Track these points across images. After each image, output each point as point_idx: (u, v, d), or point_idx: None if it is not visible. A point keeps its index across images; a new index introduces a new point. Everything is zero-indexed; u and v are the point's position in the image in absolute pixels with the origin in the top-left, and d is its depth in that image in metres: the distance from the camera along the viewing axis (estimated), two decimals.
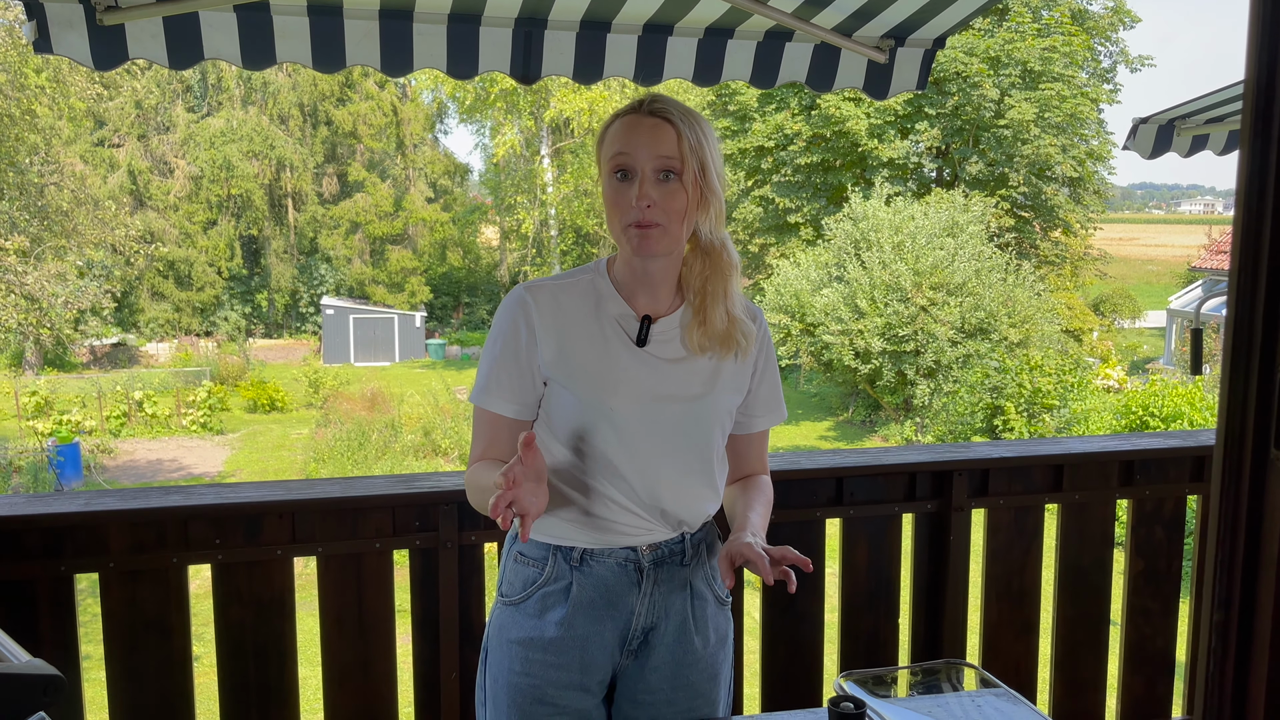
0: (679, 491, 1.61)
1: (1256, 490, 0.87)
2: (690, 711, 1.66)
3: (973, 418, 16.97)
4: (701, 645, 1.66)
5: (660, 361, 1.59)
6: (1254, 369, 0.85)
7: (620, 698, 1.67)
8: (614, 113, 1.55)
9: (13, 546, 2.03)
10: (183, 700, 2.16)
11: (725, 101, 25.86)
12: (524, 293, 1.60)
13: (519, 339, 1.58)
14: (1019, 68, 23.10)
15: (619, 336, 1.58)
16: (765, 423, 1.74)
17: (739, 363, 1.64)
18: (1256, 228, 0.82)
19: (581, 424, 1.57)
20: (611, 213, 1.53)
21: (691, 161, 1.50)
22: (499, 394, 1.60)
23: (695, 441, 1.61)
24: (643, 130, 1.50)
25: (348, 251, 34.96)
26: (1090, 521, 2.65)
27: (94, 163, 30.18)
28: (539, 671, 1.59)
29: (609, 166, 1.53)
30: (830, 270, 18.99)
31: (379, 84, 35.07)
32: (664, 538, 1.63)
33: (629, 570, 1.61)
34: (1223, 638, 0.91)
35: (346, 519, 2.20)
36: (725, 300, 1.59)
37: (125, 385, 22.89)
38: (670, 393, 1.58)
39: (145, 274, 30.52)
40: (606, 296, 1.61)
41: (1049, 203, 24.48)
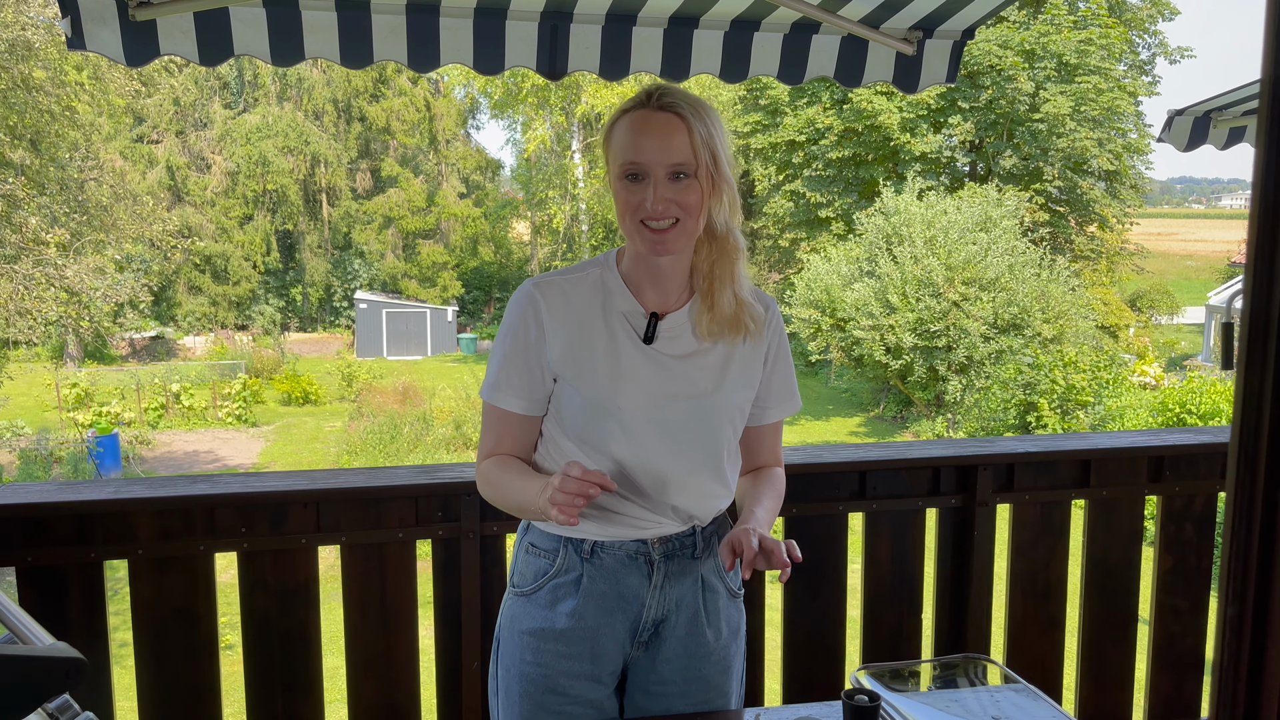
0: (688, 488, 1.61)
1: (1272, 484, 0.85)
2: (703, 704, 1.66)
3: (1005, 414, 16.81)
4: (714, 638, 1.66)
5: (668, 358, 1.58)
6: (1270, 360, 0.84)
7: (632, 688, 1.68)
8: (621, 106, 1.53)
9: (44, 533, 2.07)
10: (210, 687, 2.19)
11: (756, 96, 25.75)
12: (533, 289, 1.59)
13: (528, 335, 1.58)
14: (1054, 60, 22.79)
15: (627, 333, 1.58)
16: (778, 414, 1.73)
17: (750, 351, 1.63)
18: (1273, 219, 0.81)
19: (589, 422, 1.57)
20: (623, 211, 1.51)
21: (704, 155, 1.48)
22: (508, 390, 1.60)
23: (704, 438, 1.61)
24: (653, 130, 1.47)
25: (381, 246, 35.23)
26: (1118, 517, 2.62)
27: (133, 159, 30.62)
28: (550, 661, 1.60)
29: (619, 169, 1.50)
30: (861, 265, 18.87)
31: (412, 80, 35.27)
32: (674, 531, 1.63)
33: (639, 563, 1.61)
34: (1236, 634, 0.90)
35: (370, 509, 2.22)
36: (733, 284, 1.58)
37: (163, 378, 23.25)
38: (678, 390, 1.57)
39: (183, 268, 30.94)
40: (615, 292, 1.60)
41: (1085, 197, 24.16)
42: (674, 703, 1.65)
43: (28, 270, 10.01)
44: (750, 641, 2.46)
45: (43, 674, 1.19)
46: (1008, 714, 1.53)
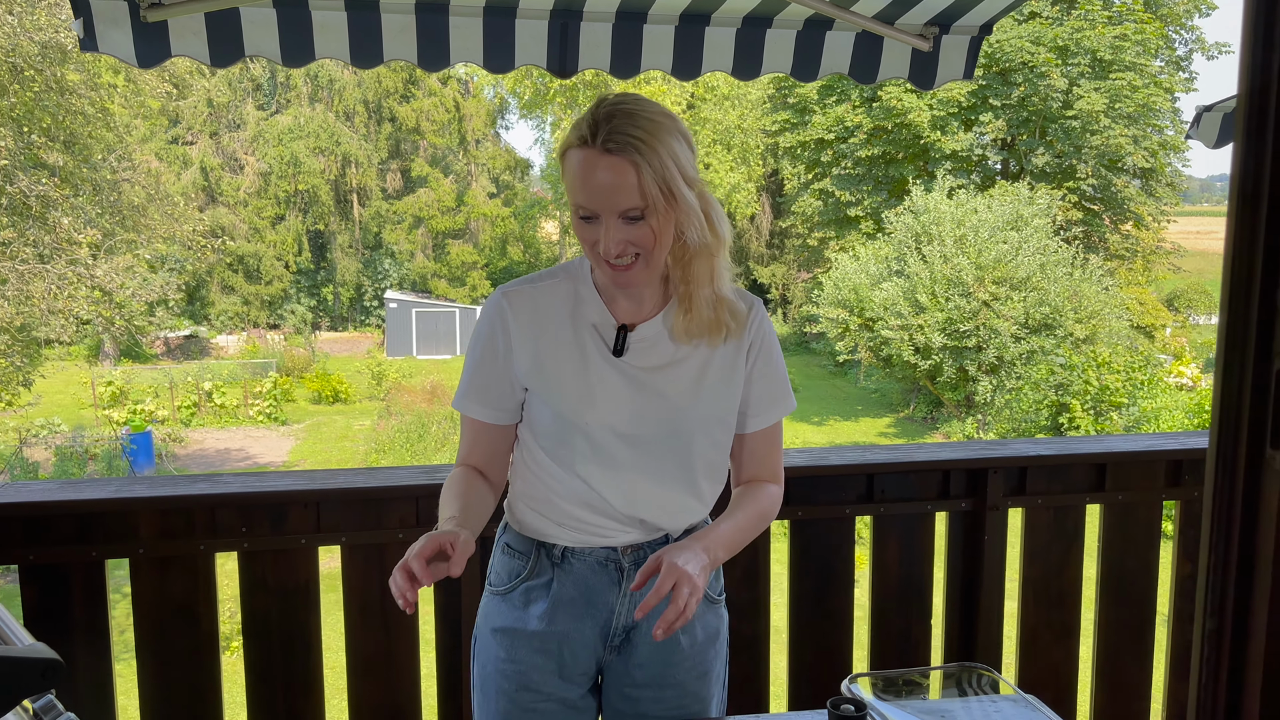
0: (657, 503, 1.57)
1: (1251, 492, 0.82)
2: (679, 709, 1.63)
3: (1037, 415, 16.62)
4: (688, 644, 1.63)
5: (639, 371, 1.52)
6: (1249, 364, 0.81)
7: (608, 690, 1.66)
8: (569, 135, 1.43)
9: (47, 532, 2.08)
10: (210, 686, 2.20)
11: (785, 94, 25.65)
12: (501, 298, 1.56)
13: (495, 345, 1.55)
14: (1088, 57, 22.49)
15: (596, 346, 1.53)
16: (765, 420, 1.63)
17: (730, 353, 1.57)
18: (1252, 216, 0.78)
19: (557, 436, 1.54)
20: (583, 246, 1.46)
21: (655, 194, 1.38)
22: (477, 400, 1.58)
23: (675, 454, 1.55)
24: (599, 175, 1.37)
25: (411, 246, 35.47)
26: (1135, 523, 2.56)
27: (168, 160, 31.03)
28: (524, 659, 1.59)
29: (573, 205, 1.43)
30: (890, 264, 18.73)
31: (442, 80, 35.49)
32: (645, 539, 1.60)
33: (609, 570, 1.58)
34: (1215, 646, 0.87)
35: (370, 509, 2.21)
36: (712, 281, 1.51)
37: (196, 376, 23.54)
38: (649, 405, 1.52)
39: (216, 268, 31.31)
40: (586, 300, 1.55)
41: (1119, 195, 23.83)
42: (649, 707, 1.62)
43: (60, 270, 10.16)
44: (755, 647, 2.44)
45: (18, 675, 1.19)
46: None
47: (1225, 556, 0.85)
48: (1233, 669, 0.86)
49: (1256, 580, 0.82)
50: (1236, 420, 0.82)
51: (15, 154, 10.18)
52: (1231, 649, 0.86)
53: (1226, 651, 0.86)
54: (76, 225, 10.74)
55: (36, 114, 10.71)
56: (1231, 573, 0.85)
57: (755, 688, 2.44)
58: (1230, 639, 0.86)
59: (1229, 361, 0.82)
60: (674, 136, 1.41)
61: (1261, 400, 0.80)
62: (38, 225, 10.42)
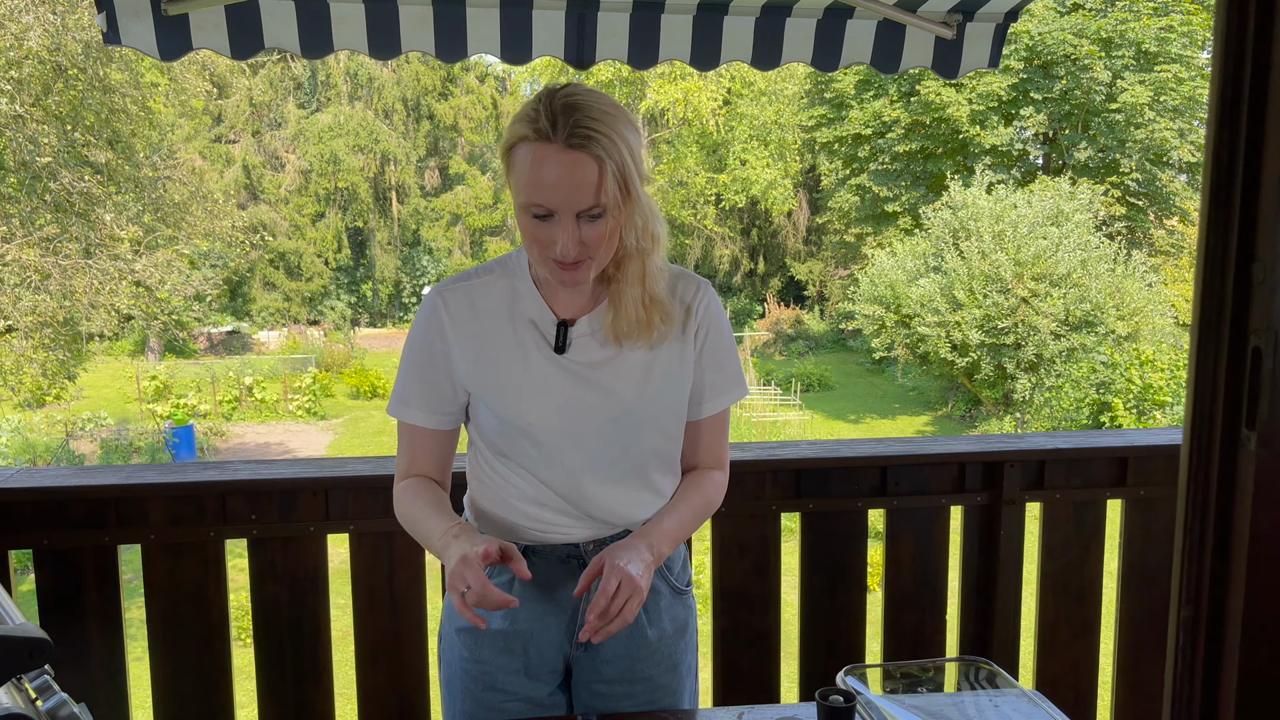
0: (608, 500, 1.52)
1: (1226, 475, 0.79)
2: (650, 703, 1.60)
3: (1078, 414, 16.36)
4: (656, 637, 1.60)
5: (582, 367, 1.47)
6: (1224, 344, 0.78)
7: (577, 686, 1.63)
8: (520, 127, 1.33)
9: (60, 517, 2.11)
10: (221, 672, 2.22)
11: (822, 89, 25.46)
12: (437, 298, 1.49)
13: (432, 349, 1.50)
14: (1133, 49, 22.08)
15: (536, 343, 1.47)
16: (713, 406, 1.58)
17: (674, 348, 1.50)
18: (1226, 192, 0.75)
19: (502, 437, 1.50)
20: (529, 244, 1.38)
21: (614, 191, 1.31)
22: (416, 405, 1.52)
23: (625, 450, 1.50)
24: (560, 173, 1.29)
25: (448, 243, 35.73)
26: (1158, 518, 2.50)
27: (211, 158, 31.50)
28: (488, 658, 1.56)
29: (522, 200, 1.34)
30: (927, 260, 18.53)
31: (479, 78, 35.70)
32: (606, 534, 1.56)
33: (572, 566, 1.55)
34: (1191, 635, 0.84)
35: (378, 497, 2.22)
36: (643, 280, 1.43)
37: (237, 371, 23.89)
38: (594, 401, 1.47)
39: (257, 265, 31.76)
40: (524, 296, 1.49)
41: (1164, 190, 23.38)
42: (620, 703, 1.59)
43: (103, 265, 10.36)
44: (765, 641, 2.41)
45: (6, 653, 1.20)
46: (1006, 719, 1.46)
47: (1200, 542, 0.82)
48: (1209, 658, 0.83)
49: (1232, 566, 0.80)
50: (1212, 401, 0.79)
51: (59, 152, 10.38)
52: (1208, 638, 0.83)
53: (1202, 640, 0.84)
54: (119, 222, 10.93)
55: (80, 112, 10.92)
56: (1207, 559, 0.82)
57: (764, 683, 2.42)
58: (1206, 627, 0.83)
59: (1203, 341, 0.79)
60: (629, 129, 1.35)
61: (1237, 380, 0.77)
62: (81, 222, 10.62)
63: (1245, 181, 0.73)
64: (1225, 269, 0.76)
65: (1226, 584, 0.80)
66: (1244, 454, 0.77)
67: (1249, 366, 0.76)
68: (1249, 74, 0.73)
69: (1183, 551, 0.83)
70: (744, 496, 2.30)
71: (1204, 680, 0.82)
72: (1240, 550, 0.78)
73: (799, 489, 2.37)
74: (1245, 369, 0.76)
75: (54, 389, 14.07)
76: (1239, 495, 0.78)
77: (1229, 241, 0.75)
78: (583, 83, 1.41)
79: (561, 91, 1.33)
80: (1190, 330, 0.82)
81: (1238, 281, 0.74)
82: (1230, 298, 0.76)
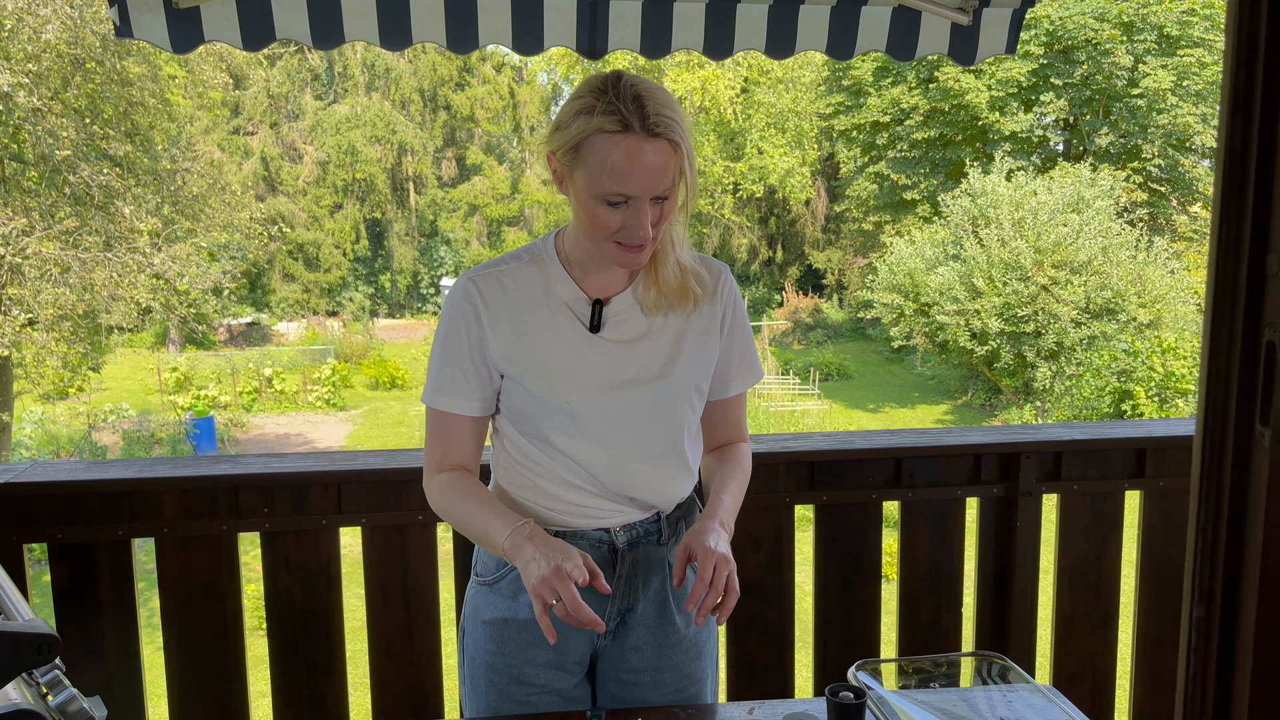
0: (647, 478, 1.54)
1: (1240, 472, 0.77)
2: (676, 692, 1.60)
3: (1099, 402, 16.23)
4: (684, 624, 1.60)
5: (616, 345, 1.50)
6: (1237, 337, 0.76)
7: (603, 675, 1.63)
8: (594, 122, 1.34)
9: (75, 510, 2.12)
10: (235, 664, 2.23)
11: (839, 77, 25.29)
12: (469, 283, 1.51)
13: (469, 334, 1.51)
14: (1155, 33, 21.80)
15: (571, 323, 1.50)
16: (739, 386, 1.64)
17: (704, 322, 1.56)
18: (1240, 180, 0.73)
19: (539, 418, 1.51)
20: (597, 230, 1.40)
21: (686, 171, 1.38)
22: (453, 393, 1.52)
23: (661, 425, 1.53)
24: (649, 159, 1.33)
25: (466, 234, 35.79)
26: (1178, 510, 2.47)
27: (230, 150, 31.64)
28: (515, 651, 1.56)
29: (600, 191, 1.36)
30: (946, 248, 18.40)
31: (495, 68, 35.68)
32: (637, 518, 1.57)
33: (603, 551, 1.55)
34: (1204, 635, 0.82)
35: (390, 491, 2.22)
36: (674, 250, 1.50)
37: (257, 363, 24.02)
38: (630, 377, 1.50)
39: (277, 256, 31.91)
40: (556, 279, 1.52)
41: (1187, 176, 23.09)
42: (646, 691, 1.59)
43: (122, 258, 10.43)
44: (780, 634, 2.40)
45: (13, 649, 1.20)
46: (1019, 715, 1.44)
47: (1213, 540, 0.80)
48: (1222, 659, 0.81)
49: (1246, 565, 0.78)
50: (1225, 396, 0.77)
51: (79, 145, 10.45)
52: (1220, 638, 0.81)
53: (1215, 641, 0.82)
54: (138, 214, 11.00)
55: (99, 105, 10.97)
56: (1220, 557, 0.80)
57: (779, 676, 2.40)
58: (1219, 627, 0.81)
59: (1216, 334, 0.77)
60: (682, 108, 1.42)
61: (1250, 374, 0.75)
62: (101, 215, 10.69)
63: (1259, 171, 0.71)
64: (1239, 261, 0.74)
65: (1240, 583, 0.78)
66: (1258, 450, 0.75)
67: (1263, 360, 0.74)
68: (1262, 60, 0.71)
69: (1195, 550, 0.81)
70: (758, 489, 2.29)
71: (1217, 682, 0.80)
72: (1254, 549, 0.76)
73: (813, 481, 2.36)
74: (1259, 363, 0.74)
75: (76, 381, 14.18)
76: (1253, 492, 0.76)
77: (1242, 233, 0.73)
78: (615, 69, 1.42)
79: (624, 81, 1.36)
80: (1203, 323, 0.80)
81: (1251, 273, 0.72)
82: (1244, 290, 0.74)
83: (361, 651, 2.28)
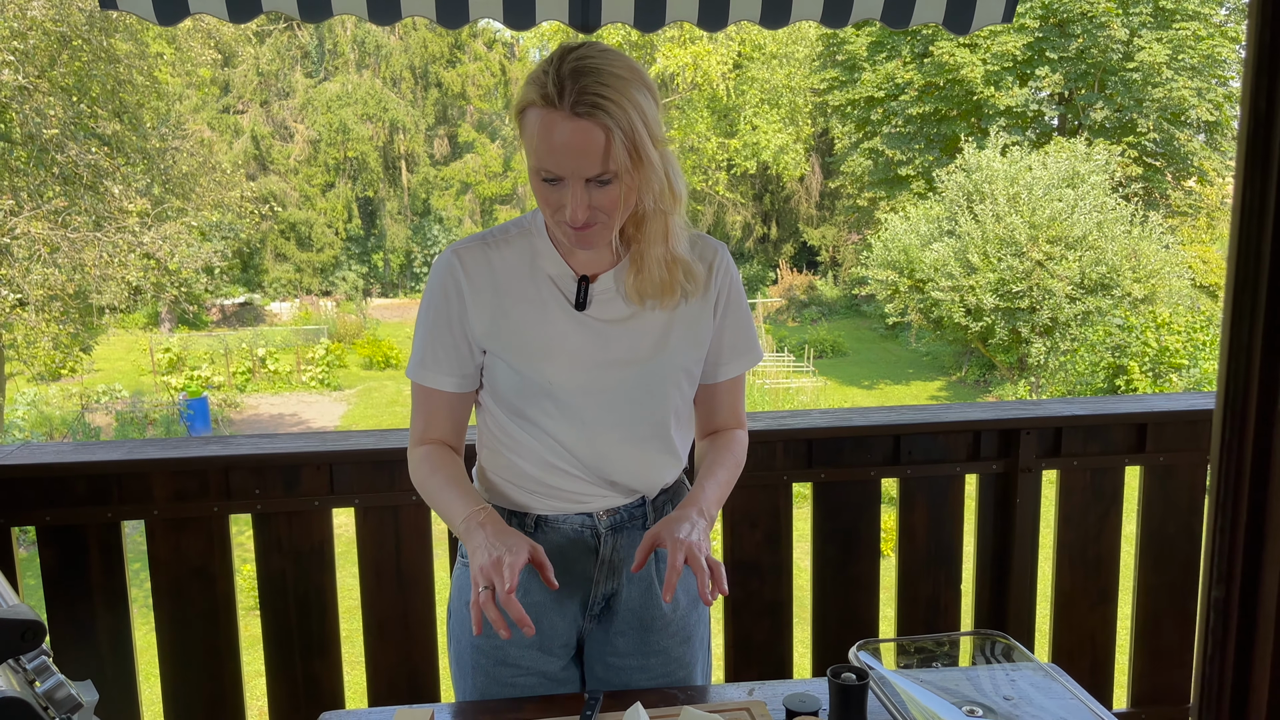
0: (630, 463, 1.51)
1: (1261, 451, 0.74)
2: (664, 676, 1.58)
3: (1093, 377, 16.23)
4: (670, 609, 1.57)
5: (602, 324, 1.46)
6: (1260, 307, 0.72)
7: (590, 659, 1.61)
8: (529, 91, 1.31)
9: (64, 493, 2.10)
10: (228, 646, 2.21)
11: (834, 51, 25.14)
12: (452, 257, 1.48)
13: (449, 307, 1.47)
14: (1150, 6, 21.68)
15: (556, 300, 1.46)
16: (734, 369, 1.59)
17: (695, 307, 1.50)
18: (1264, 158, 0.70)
19: (521, 397, 1.47)
20: (542, 207, 1.37)
21: (623, 158, 1.29)
22: (435, 368, 1.50)
23: (647, 409, 1.49)
24: (567, 141, 1.27)
25: (459, 212, 35.58)
26: (1177, 486, 2.46)
27: (220, 129, 31.38)
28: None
29: (532, 166, 1.34)
30: (941, 224, 18.34)
31: (487, 44, 35.39)
32: (621, 503, 1.54)
33: (586, 536, 1.53)
34: (1223, 616, 0.79)
35: (382, 471, 2.20)
36: (665, 240, 1.42)
37: (250, 343, 23.92)
38: (615, 358, 1.46)
39: (269, 236, 31.73)
40: (543, 254, 1.47)
41: (1182, 150, 23.04)
42: (633, 675, 1.57)
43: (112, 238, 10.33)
44: (777, 612, 2.38)
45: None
46: (1023, 693, 1.42)
47: (1233, 520, 0.78)
48: (1240, 640, 0.78)
49: (1267, 546, 0.75)
50: (1246, 369, 0.74)
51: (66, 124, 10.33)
52: (1240, 619, 0.78)
53: (1235, 621, 0.79)
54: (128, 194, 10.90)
55: (87, 83, 10.84)
56: (1240, 538, 0.78)
57: (778, 654, 2.39)
58: (1239, 608, 0.78)
59: (1238, 304, 0.74)
60: (642, 93, 1.31)
61: (1272, 354, 0.72)
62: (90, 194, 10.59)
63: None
64: (1262, 227, 0.70)
65: (1260, 563, 0.75)
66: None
67: None
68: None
69: (1214, 529, 0.78)
70: (755, 467, 2.27)
71: (1235, 663, 0.77)
72: (1276, 528, 0.73)
73: (811, 459, 2.34)
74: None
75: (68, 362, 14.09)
76: (1274, 471, 0.73)
77: (1266, 199, 0.70)
78: (599, 41, 1.36)
79: (573, 54, 1.30)
80: (1224, 293, 0.77)
81: (1275, 240, 0.69)
82: (1267, 258, 0.70)
83: (356, 632, 2.26)
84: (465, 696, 1.59)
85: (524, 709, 1.49)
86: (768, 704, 1.45)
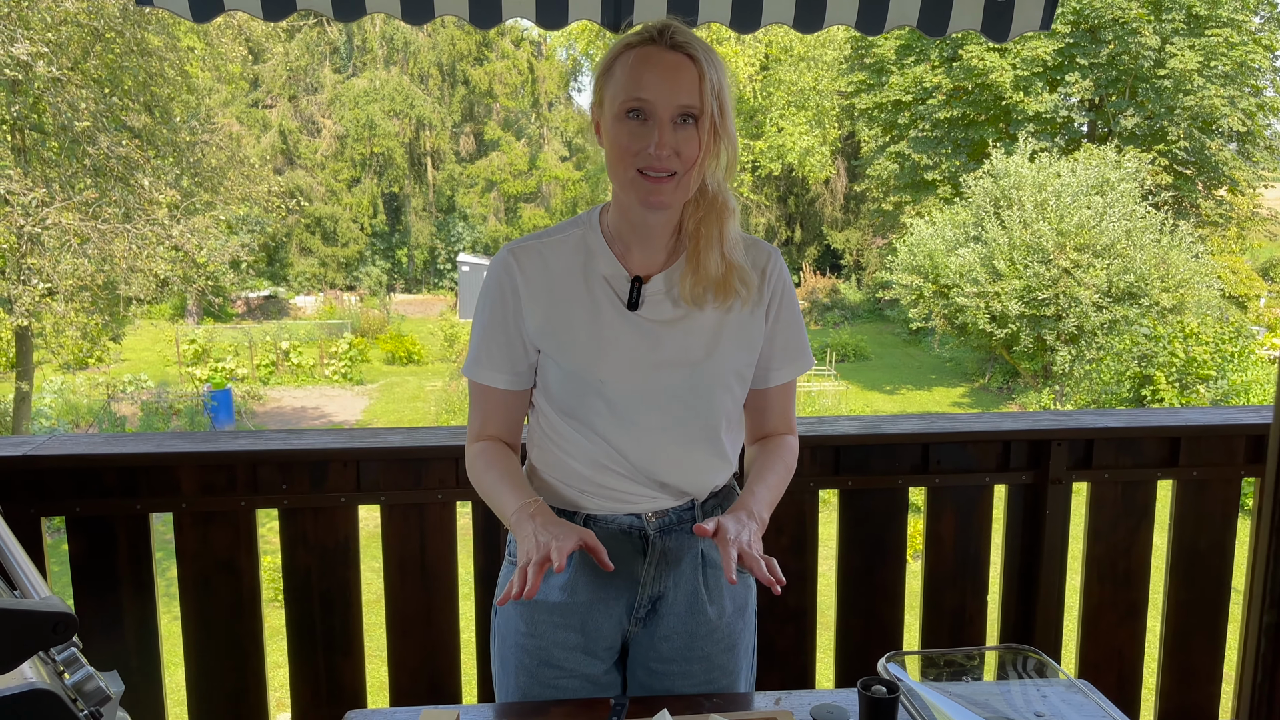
0: (680, 465, 1.50)
1: None
2: (707, 683, 1.56)
3: (1118, 387, 16.08)
4: (716, 615, 1.56)
5: (655, 325, 1.46)
6: None
7: (633, 664, 1.59)
8: (622, 41, 1.38)
9: (94, 484, 2.11)
10: (252, 640, 2.21)
11: (861, 54, 25.03)
12: (508, 255, 1.49)
13: (505, 307, 1.48)
14: (1183, 12, 21.46)
15: (609, 300, 1.46)
16: (785, 375, 1.58)
17: (746, 313, 1.50)
18: None
19: (573, 396, 1.48)
20: (619, 157, 1.38)
21: (711, 103, 1.34)
22: (490, 365, 1.51)
23: (697, 411, 1.49)
24: (663, 69, 1.34)
25: (483, 209, 35.69)
26: (1210, 501, 2.42)
27: (248, 123, 31.61)
28: (545, 633, 1.53)
29: (620, 106, 1.36)
30: (967, 230, 18.23)
31: (515, 43, 35.46)
32: (670, 505, 1.53)
33: (634, 538, 1.52)
34: (1274, 642, 0.77)
35: (410, 469, 2.19)
36: (721, 244, 1.44)
37: (274, 336, 24.10)
38: (667, 359, 1.45)
39: (295, 230, 31.94)
40: (597, 253, 1.48)
41: (1213, 159, 22.78)
42: (676, 681, 1.56)
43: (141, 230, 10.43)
44: (801, 619, 2.36)
45: (29, 628, 1.18)
46: (1054, 710, 1.40)
47: None
48: None
49: None
50: None
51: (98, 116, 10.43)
52: None
53: None
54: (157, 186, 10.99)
55: (119, 76, 10.95)
56: None
57: (801, 661, 2.37)
58: None
59: None
60: (727, 71, 1.39)
61: None
62: (120, 186, 10.69)
63: None
64: None
65: None
66: None
67: None
68: None
69: (1269, 553, 0.76)
70: None
71: None
72: None
73: (838, 466, 2.32)
74: None
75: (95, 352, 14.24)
76: None
77: None
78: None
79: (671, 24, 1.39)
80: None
81: None
82: None
83: (376, 627, 2.26)
84: (507, 696, 1.59)
85: (550, 713, 1.48)
86: (794, 714, 1.44)
